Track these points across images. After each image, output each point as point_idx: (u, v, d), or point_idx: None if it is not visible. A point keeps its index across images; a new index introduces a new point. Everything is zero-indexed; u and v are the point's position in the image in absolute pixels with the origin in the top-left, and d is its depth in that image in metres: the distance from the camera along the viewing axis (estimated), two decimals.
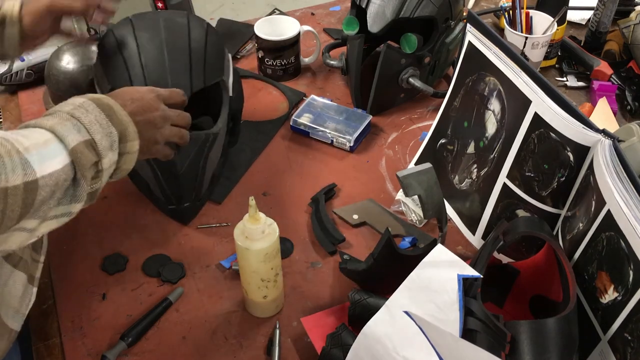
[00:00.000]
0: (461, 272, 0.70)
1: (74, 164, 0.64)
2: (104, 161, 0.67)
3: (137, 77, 0.87)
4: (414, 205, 0.96)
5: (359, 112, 1.12)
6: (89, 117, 0.67)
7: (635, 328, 0.64)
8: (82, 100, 0.69)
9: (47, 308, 0.85)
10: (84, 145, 0.65)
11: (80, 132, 0.66)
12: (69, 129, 0.65)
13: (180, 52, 0.90)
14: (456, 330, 0.67)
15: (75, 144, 0.64)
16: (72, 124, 0.65)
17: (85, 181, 0.66)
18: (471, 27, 0.92)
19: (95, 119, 0.68)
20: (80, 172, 0.65)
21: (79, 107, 0.68)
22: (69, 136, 0.64)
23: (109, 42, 0.91)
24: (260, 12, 1.43)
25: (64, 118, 0.66)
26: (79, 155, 0.64)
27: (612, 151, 0.71)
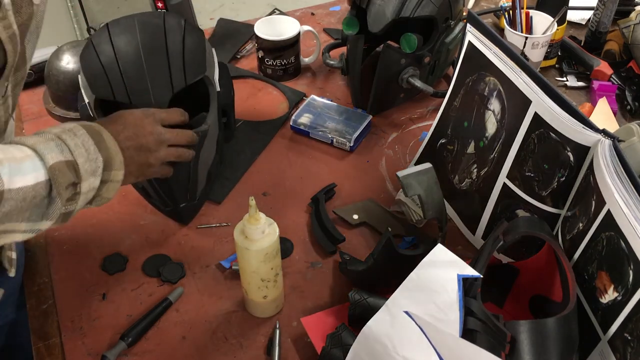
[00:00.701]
0: (461, 272, 0.70)
1: (51, 182, 0.64)
2: (83, 184, 0.68)
3: (117, 83, 0.87)
4: (414, 205, 0.96)
5: (359, 112, 1.12)
6: (75, 140, 0.68)
7: (635, 328, 0.64)
8: (72, 125, 0.70)
9: (47, 308, 0.85)
10: (65, 165, 0.65)
11: (63, 152, 0.66)
12: (51, 147, 0.65)
13: (157, 53, 0.89)
14: (456, 330, 0.67)
15: (55, 161, 0.64)
16: (56, 144, 0.66)
17: (60, 200, 0.65)
18: (471, 27, 0.92)
19: (81, 143, 0.68)
20: (56, 190, 0.65)
21: (68, 130, 0.68)
22: (49, 154, 0.64)
23: (88, 51, 0.91)
24: (260, 12, 1.43)
25: (49, 138, 0.66)
26: (57, 173, 0.64)
27: (612, 151, 0.71)
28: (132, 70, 0.87)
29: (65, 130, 0.68)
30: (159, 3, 1.20)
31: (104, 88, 0.87)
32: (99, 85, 0.88)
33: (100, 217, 0.96)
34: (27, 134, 1.12)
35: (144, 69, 0.87)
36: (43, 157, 0.64)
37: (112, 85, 0.87)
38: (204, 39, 0.97)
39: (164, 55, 0.89)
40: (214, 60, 1.00)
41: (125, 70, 0.87)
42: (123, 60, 0.88)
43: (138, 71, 0.87)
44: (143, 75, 0.87)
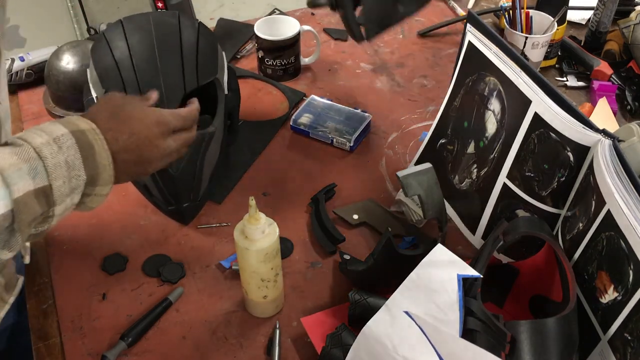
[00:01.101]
0: (461, 272, 0.70)
1: (14, 214, 0.58)
2: (57, 208, 0.62)
3: (130, 80, 0.87)
4: (414, 205, 0.96)
5: (359, 113, 1.12)
6: (57, 158, 0.61)
7: (635, 328, 0.64)
8: (63, 131, 0.63)
9: (47, 308, 0.85)
10: (33, 196, 0.59)
11: (35, 178, 0.59)
12: (22, 174, 0.58)
13: (172, 52, 0.89)
14: (456, 330, 0.67)
15: (21, 194, 0.58)
16: (30, 168, 0.59)
17: (21, 235, 0.60)
18: (471, 27, 0.92)
19: (64, 161, 0.61)
20: (17, 224, 0.59)
21: (54, 141, 0.61)
22: (17, 184, 0.57)
23: (101, 45, 0.91)
24: (260, 12, 1.43)
25: (24, 158, 0.59)
26: (21, 208, 0.58)
27: (612, 151, 0.71)
28: (146, 68, 0.88)
29: (51, 141, 0.61)
30: (159, 3, 1.20)
31: (116, 83, 0.87)
32: (110, 80, 0.88)
33: (100, 217, 0.96)
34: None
35: (157, 67, 0.87)
36: (9, 186, 0.57)
37: (124, 81, 0.87)
38: (217, 41, 0.97)
39: (178, 55, 0.89)
40: (224, 63, 1.00)
41: (138, 67, 0.87)
42: (137, 57, 0.88)
43: (151, 69, 0.87)
44: (156, 74, 0.87)
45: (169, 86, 0.87)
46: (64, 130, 0.63)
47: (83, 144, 0.64)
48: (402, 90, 1.22)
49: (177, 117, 0.76)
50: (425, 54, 1.31)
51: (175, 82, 0.88)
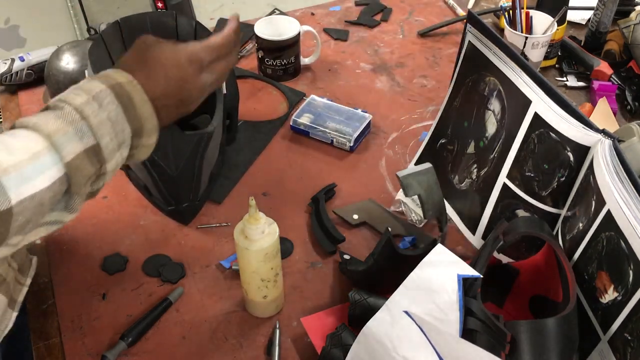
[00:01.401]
0: (461, 272, 0.70)
1: (68, 177, 0.59)
2: (108, 165, 0.62)
3: None
4: (414, 205, 0.96)
5: (359, 113, 1.12)
6: (100, 115, 0.60)
7: (635, 328, 0.64)
8: (100, 87, 0.62)
9: (47, 308, 0.85)
10: (84, 155, 0.59)
11: (83, 139, 0.59)
12: (69, 137, 0.58)
13: None
14: (456, 330, 0.67)
15: (73, 156, 0.58)
16: (76, 130, 0.59)
17: (79, 197, 0.61)
18: (471, 27, 0.92)
19: (107, 117, 0.61)
20: (74, 188, 0.60)
21: (94, 99, 0.61)
22: (67, 147, 0.58)
23: (98, 47, 0.91)
24: (260, 12, 1.43)
25: (69, 121, 0.59)
26: (75, 171, 0.59)
27: (612, 151, 0.71)
28: None
29: (89, 101, 0.60)
30: (159, 3, 1.20)
31: None
32: None
33: (100, 217, 0.96)
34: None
35: None
36: (60, 151, 0.57)
37: None
38: None
39: None
40: None
41: None
42: None
43: None
44: None
45: None
46: (102, 86, 0.62)
47: (123, 98, 0.63)
48: (402, 90, 1.22)
49: (210, 49, 0.72)
50: (425, 54, 1.31)
51: None
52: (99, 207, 0.98)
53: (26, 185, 0.55)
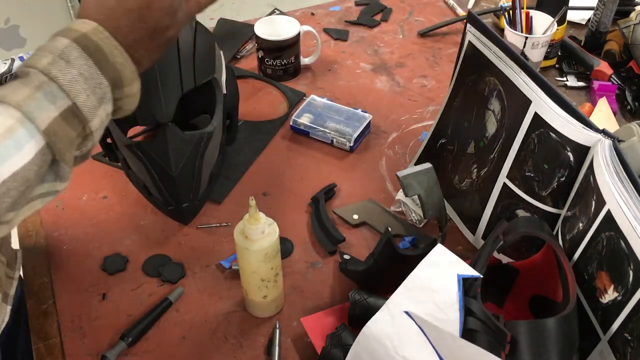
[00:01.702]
0: (461, 272, 0.70)
1: (49, 146, 0.55)
2: (92, 124, 0.57)
3: None
4: (414, 205, 0.96)
5: (359, 113, 1.12)
6: (70, 72, 0.55)
7: (635, 328, 0.64)
8: (65, 42, 0.57)
9: (47, 308, 0.85)
10: (61, 119, 0.55)
11: (55, 101, 0.54)
12: (40, 102, 0.54)
13: (169, 52, 0.88)
14: (456, 330, 0.67)
15: (49, 122, 0.54)
16: (45, 94, 0.54)
17: (66, 163, 0.57)
18: (471, 27, 0.92)
19: (78, 73, 0.56)
20: (58, 155, 0.56)
21: (60, 57, 0.56)
22: (40, 114, 0.53)
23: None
24: (260, 12, 1.43)
25: (36, 86, 0.54)
26: (55, 138, 0.54)
27: (612, 151, 0.71)
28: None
29: (56, 58, 0.56)
30: None
31: None
32: None
33: (100, 217, 0.96)
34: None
35: (154, 67, 0.87)
36: (33, 120, 0.53)
37: None
38: (214, 41, 0.97)
39: (175, 55, 0.89)
40: (222, 63, 1.00)
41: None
42: None
43: (148, 69, 0.87)
44: (153, 73, 0.87)
45: (165, 86, 0.86)
46: (66, 41, 0.57)
47: (90, 49, 0.57)
48: (402, 90, 1.22)
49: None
50: (425, 54, 1.31)
51: (172, 82, 0.87)
52: (99, 207, 0.98)
53: (7, 163, 0.52)
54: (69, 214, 0.97)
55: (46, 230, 0.95)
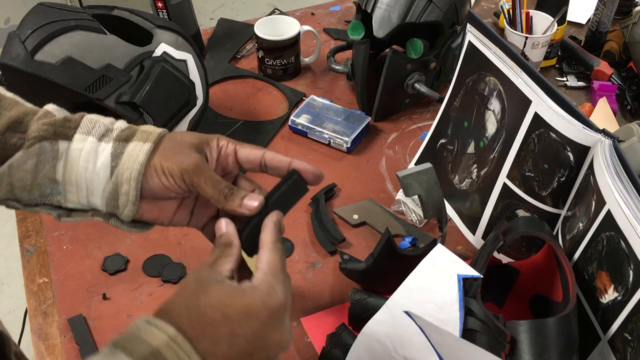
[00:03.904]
0: (461, 272, 0.70)
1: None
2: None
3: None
4: (414, 205, 0.96)
5: (358, 113, 1.12)
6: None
7: (635, 328, 0.64)
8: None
9: (47, 308, 0.85)
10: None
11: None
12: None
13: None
14: (456, 330, 0.67)
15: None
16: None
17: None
18: (471, 27, 0.92)
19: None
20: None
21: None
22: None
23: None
24: (260, 12, 1.43)
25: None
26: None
27: (612, 151, 0.71)
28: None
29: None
30: (159, 3, 1.20)
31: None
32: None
33: None
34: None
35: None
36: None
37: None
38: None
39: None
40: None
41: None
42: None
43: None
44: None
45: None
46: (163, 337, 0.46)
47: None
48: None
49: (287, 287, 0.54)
50: None
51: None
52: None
53: None
54: None
55: (46, 230, 0.95)
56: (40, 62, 0.83)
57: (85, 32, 0.86)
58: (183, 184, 0.57)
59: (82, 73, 0.84)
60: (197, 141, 0.59)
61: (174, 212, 0.62)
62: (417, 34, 1.10)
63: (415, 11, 1.05)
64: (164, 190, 0.58)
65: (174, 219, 0.63)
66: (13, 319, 1.93)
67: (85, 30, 0.86)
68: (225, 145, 0.62)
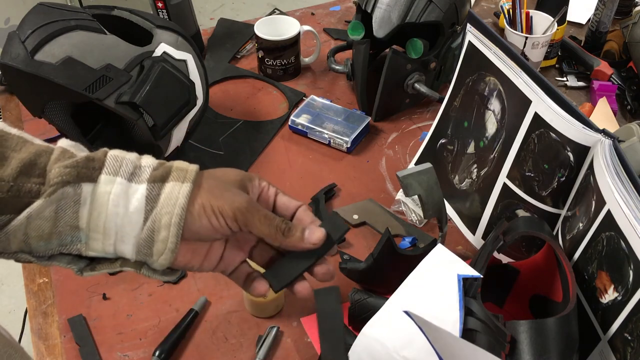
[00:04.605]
0: (461, 272, 0.70)
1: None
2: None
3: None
4: (414, 205, 0.96)
5: (358, 114, 1.12)
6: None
7: (635, 328, 0.64)
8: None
9: (47, 308, 0.85)
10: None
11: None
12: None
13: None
14: (456, 330, 0.67)
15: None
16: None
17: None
18: (471, 27, 0.92)
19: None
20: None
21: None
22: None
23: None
24: (260, 12, 1.43)
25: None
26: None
27: (612, 151, 0.71)
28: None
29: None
30: (159, 3, 1.20)
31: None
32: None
33: None
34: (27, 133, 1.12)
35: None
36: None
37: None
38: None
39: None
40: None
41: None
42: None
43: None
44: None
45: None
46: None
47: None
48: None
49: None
50: None
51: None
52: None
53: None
54: None
55: None
56: (40, 62, 0.82)
57: (85, 32, 0.86)
58: (234, 224, 0.55)
59: (82, 73, 0.84)
60: (239, 178, 0.58)
61: (204, 255, 0.58)
62: (417, 34, 1.10)
63: (415, 11, 1.05)
64: (211, 232, 0.55)
65: (204, 264, 0.59)
66: (13, 319, 1.93)
67: (85, 30, 0.86)
68: (267, 187, 0.61)
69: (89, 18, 0.89)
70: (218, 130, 1.12)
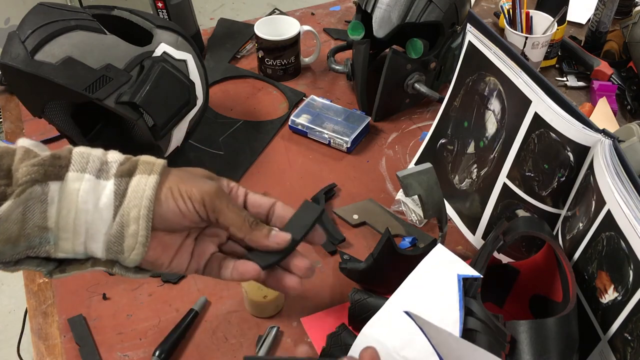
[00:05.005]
0: (461, 272, 0.70)
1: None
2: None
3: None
4: (414, 205, 0.96)
5: (358, 114, 1.12)
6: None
7: (635, 328, 0.64)
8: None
9: (47, 308, 0.85)
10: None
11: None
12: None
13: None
14: (456, 330, 0.67)
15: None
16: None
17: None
18: (471, 27, 0.92)
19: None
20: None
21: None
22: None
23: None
24: (260, 12, 1.43)
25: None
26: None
27: (612, 151, 0.71)
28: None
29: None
30: (159, 3, 1.20)
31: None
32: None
33: None
34: (27, 134, 1.12)
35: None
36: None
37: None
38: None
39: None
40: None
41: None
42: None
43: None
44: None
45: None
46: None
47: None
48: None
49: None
50: None
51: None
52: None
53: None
54: None
55: None
56: (40, 62, 0.82)
57: (85, 32, 0.86)
58: (202, 209, 0.55)
59: (82, 73, 0.84)
60: (208, 174, 0.58)
61: (175, 251, 0.58)
62: (417, 34, 1.10)
63: (415, 11, 1.05)
64: (179, 217, 0.55)
65: (173, 262, 0.59)
66: (13, 319, 1.93)
67: (85, 30, 0.86)
68: (236, 187, 0.61)
69: (89, 18, 0.89)
70: (218, 130, 1.12)
